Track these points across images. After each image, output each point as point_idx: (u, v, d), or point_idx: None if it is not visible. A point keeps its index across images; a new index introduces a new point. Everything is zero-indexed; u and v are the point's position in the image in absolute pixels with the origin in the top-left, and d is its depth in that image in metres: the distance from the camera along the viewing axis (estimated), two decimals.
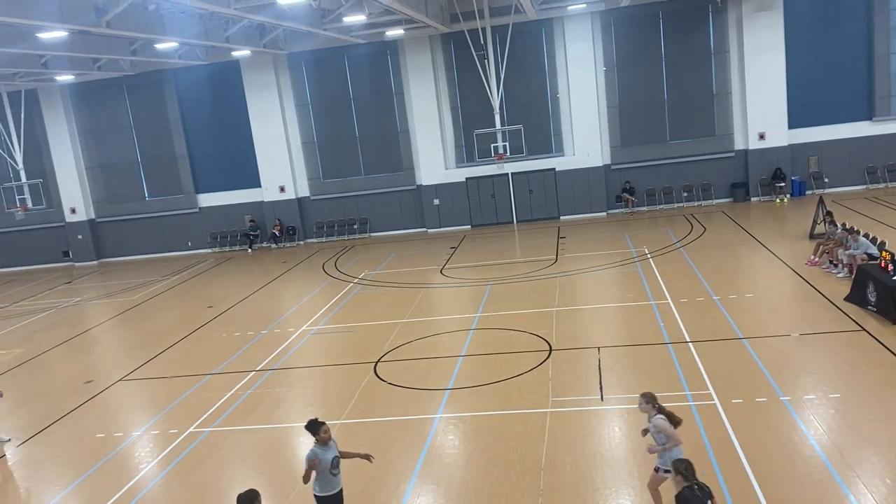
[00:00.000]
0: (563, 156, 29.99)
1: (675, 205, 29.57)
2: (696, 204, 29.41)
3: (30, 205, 30.09)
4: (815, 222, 21.68)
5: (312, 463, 8.21)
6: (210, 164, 32.10)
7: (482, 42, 27.83)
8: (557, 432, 11.17)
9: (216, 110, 31.59)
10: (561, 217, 30.11)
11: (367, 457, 8.94)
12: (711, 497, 6.94)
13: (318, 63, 30.62)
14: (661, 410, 8.41)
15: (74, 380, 16.73)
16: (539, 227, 29.07)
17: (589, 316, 17.17)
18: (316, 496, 8.45)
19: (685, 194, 29.63)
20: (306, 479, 8.31)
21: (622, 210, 29.98)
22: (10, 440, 13.43)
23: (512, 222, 30.46)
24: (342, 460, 8.61)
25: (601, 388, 12.62)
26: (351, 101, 30.89)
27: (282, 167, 31.20)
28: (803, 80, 27.96)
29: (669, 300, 17.23)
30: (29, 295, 27.63)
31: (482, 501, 9.49)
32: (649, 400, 8.51)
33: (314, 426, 8.50)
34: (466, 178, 30.43)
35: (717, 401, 11.58)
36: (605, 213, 29.88)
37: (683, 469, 7.03)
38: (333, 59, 30.35)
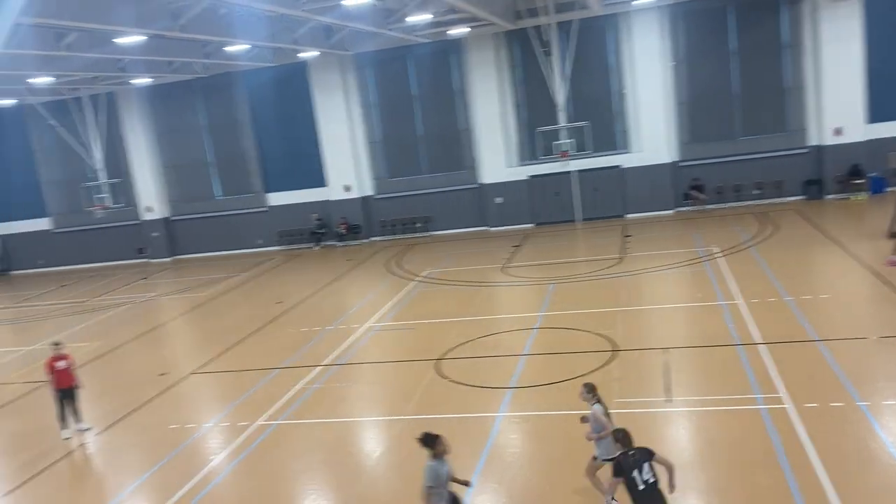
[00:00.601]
0: (629, 153, 29.51)
1: (746, 203, 28.72)
2: (767, 202, 28.50)
3: (109, 203, 31.34)
4: (894, 220, 20.73)
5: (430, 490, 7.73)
6: (278, 163, 32.81)
7: (546, 39, 27.62)
8: None
9: (284, 111, 32.27)
10: (626, 215, 29.63)
11: (465, 483, 8.53)
12: (651, 457, 7.48)
13: (382, 63, 30.94)
14: (599, 401, 8.94)
15: (149, 372, 17.37)
16: (603, 226, 28.69)
17: (655, 316, 16.86)
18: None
19: (756, 192, 28.74)
20: (427, 501, 7.81)
21: (690, 208, 29.29)
22: (90, 429, 14.04)
23: (575, 220, 30.14)
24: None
25: (667, 390, 12.38)
26: (414, 101, 31.10)
27: (347, 166, 31.66)
28: (884, 72, 26.74)
29: (739, 301, 16.76)
30: (107, 290, 28.81)
31: (545, 502, 9.44)
32: (590, 390, 9.05)
33: (431, 440, 7.98)
34: (529, 176, 30.26)
35: (789, 405, 11.22)
36: (672, 212, 29.27)
37: (621, 437, 7.60)
38: (397, 58, 30.61)
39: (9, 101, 31.13)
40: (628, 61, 28.81)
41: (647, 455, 7.46)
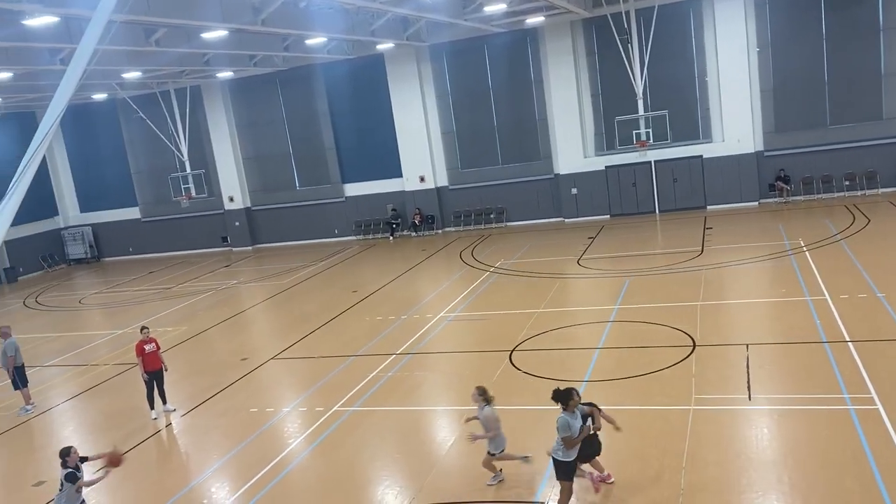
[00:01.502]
0: (711, 142, 28.61)
1: (835, 194, 27.44)
2: (858, 193, 27.14)
3: (193, 193, 32.50)
4: None
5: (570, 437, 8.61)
6: (355, 154, 33.31)
7: (625, 26, 27.02)
8: (700, 430, 10.73)
9: (361, 103, 32.70)
10: (707, 207, 28.77)
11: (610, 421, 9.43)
12: (596, 411, 9.06)
13: (458, 53, 30.93)
14: (489, 402, 9.77)
15: (231, 356, 17.96)
16: (683, 217, 27.94)
17: (737, 311, 16.33)
18: (561, 461, 8.78)
19: (847, 183, 27.41)
20: (571, 445, 8.65)
21: (775, 199, 28.19)
22: (175, 410, 14.64)
23: (654, 212, 29.46)
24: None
25: (749, 387, 11.98)
26: (490, 91, 30.99)
27: (422, 157, 31.86)
28: None
29: (827, 296, 16.05)
30: (192, 277, 29.93)
31: (620, 497, 9.30)
32: (482, 393, 9.88)
33: (564, 394, 8.74)
34: (606, 167, 29.74)
35: (880, 405, 10.68)
36: (756, 203, 28.23)
37: (559, 398, 8.83)
38: (473, 49, 30.54)
39: (101, 96, 32.62)
40: (711, 47, 27.91)
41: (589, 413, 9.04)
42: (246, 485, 11.10)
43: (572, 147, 29.91)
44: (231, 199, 35.09)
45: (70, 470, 9.65)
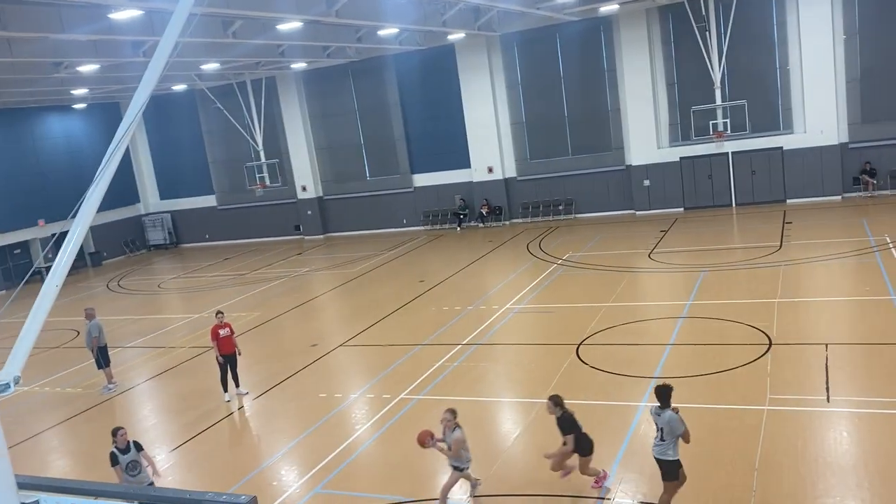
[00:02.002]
0: (791, 133, 27.52)
1: None
2: None
3: (268, 182, 33.30)
4: None
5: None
6: (424, 145, 33.46)
7: (703, 13, 26.23)
8: (775, 432, 10.37)
9: (431, 93, 32.80)
10: (787, 200, 27.70)
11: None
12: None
13: (529, 43, 30.64)
14: (459, 426, 9.51)
15: (301, 342, 18.35)
16: (761, 211, 26.99)
17: (816, 309, 15.69)
18: (671, 461, 8.52)
19: None
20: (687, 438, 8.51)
21: (860, 193, 26.93)
22: (247, 393, 15.06)
23: (730, 205, 28.56)
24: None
25: (828, 389, 11.50)
26: (561, 81, 30.59)
27: (491, 148, 31.75)
28: None
29: None
30: (265, 264, 30.71)
31: (689, 496, 9.07)
32: (454, 415, 9.56)
33: (670, 391, 8.65)
34: (680, 158, 28.98)
35: None
36: (839, 197, 27.04)
37: (557, 401, 9.38)
38: (545, 38, 30.19)
39: (181, 87, 33.73)
40: (793, 35, 26.80)
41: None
42: (314, 468, 11.33)
43: (645, 138, 29.27)
44: (304, 189, 35.78)
45: (112, 451, 9.91)
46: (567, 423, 9.35)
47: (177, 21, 3.13)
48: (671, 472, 8.56)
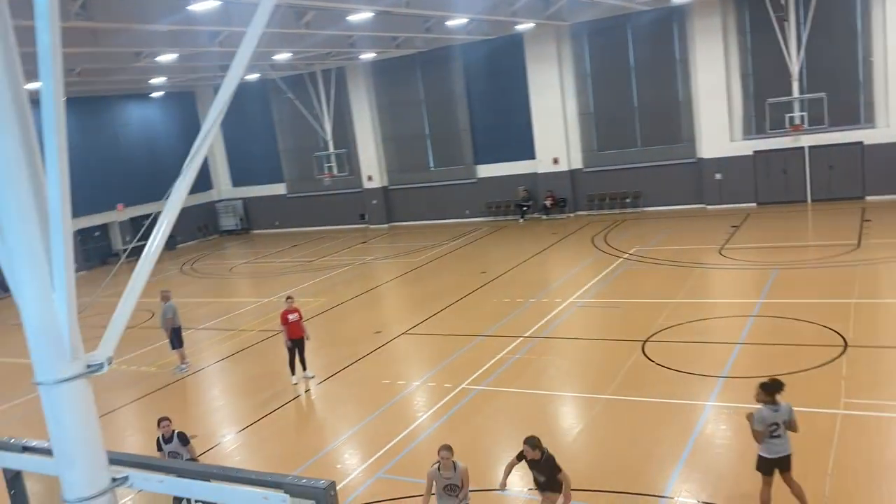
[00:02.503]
0: (873, 128, 26.35)
1: None
2: None
3: (336, 172, 33.83)
4: None
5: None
6: (489, 136, 33.38)
7: (783, 2, 25.32)
8: (849, 437, 10.03)
9: (497, 84, 32.66)
10: (867, 197, 26.57)
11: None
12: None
13: (599, 33, 30.17)
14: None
15: (365, 329, 18.63)
16: (838, 208, 25.98)
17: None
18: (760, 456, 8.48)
19: None
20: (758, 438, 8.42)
21: None
22: (313, 377, 15.40)
23: (805, 201, 27.58)
24: None
25: None
26: (631, 71, 30.04)
27: (557, 139, 31.45)
28: None
29: None
30: (332, 252, 31.23)
31: (758, 499, 8.86)
32: (452, 452, 8.56)
33: (778, 386, 8.46)
34: (754, 152, 28.13)
35: None
36: None
37: (535, 443, 8.37)
38: (615, 27, 29.67)
39: (254, 76, 34.50)
40: (879, 25, 25.60)
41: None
42: (377, 454, 11.52)
43: (718, 130, 28.50)
44: (369, 178, 36.19)
45: (157, 437, 10.13)
46: (553, 463, 8.47)
47: (264, 10, 3.23)
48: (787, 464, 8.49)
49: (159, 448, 10.14)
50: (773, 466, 8.44)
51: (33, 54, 2.88)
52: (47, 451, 3.51)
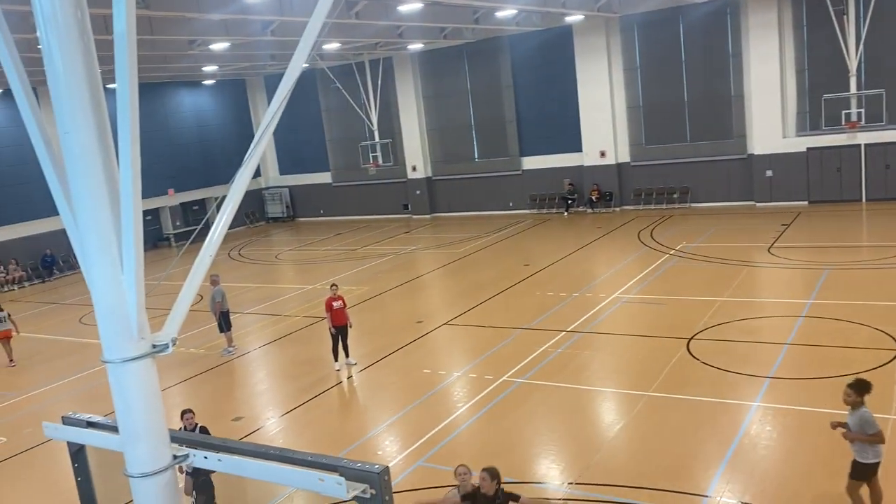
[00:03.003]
0: None
1: None
2: None
3: (381, 162, 34.03)
4: None
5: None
6: (535, 127, 33.20)
7: None
8: None
9: (545, 76, 32.44)
10: None
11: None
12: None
13: (650, 25, 29.72)
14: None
15: (407, 319, 18.77)
16: (894, 208, 25.22)
17: None
18: (867, 464, 8.14)
19: None
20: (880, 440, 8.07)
21: None
22: (356, 364, 15.59)
23: (860, 200, 26.83)
24: None
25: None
26: (682, 65, 29.54)
27: (604, 132, 31.13)
28: None
29: None
30: (375, 241, 31.48)
31: (803, 503, 8.74)
32: (468, 469, 8.02)
33: (866, 386, 8.16)
34: (807, 149, 27.45)
35: None
36: None
37: (495, 474, 7.62)
38: (667, 20, 29.19)
39: (303, 66, 34.84)
40: None
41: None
42: (417, 442, 11.63)
43: (770, 126, 27.88)
44: (414, 169, 36.32)
45: (180, 428, 9.83)
46: (508, 496, 7.76)
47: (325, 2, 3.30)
48: (859, 472, 8.15)
49: None
50: (869, 471, 8.14)
51: (101, 43, 2.99)
52: (111, 427, 3.65)
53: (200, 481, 9.22)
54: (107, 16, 15.28)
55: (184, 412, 10.24)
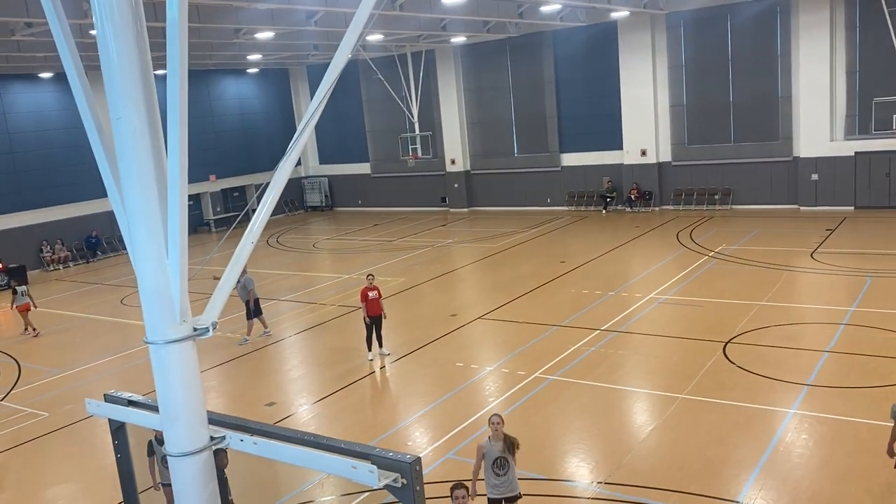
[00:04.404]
0: None
1: None
2: None
3: (420, 154, 34.08)
4: None
5: None
6: (576, 124, 32.93)
7: None
8: None
9: (588, 72, 32.14)
10: None
11: None
12: None
13: (697, 23, 29.23)
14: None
15: (442, 311, 18.82)
16: None
17: None
18: None
19: None
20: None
21: None
22: (389, 354, 15.70)
23: None
24: None
25: None
26: (729, 64, 29.01)
27: (646, 130, 30.75)
28: None
29: None
30: (412, 233, 31.59)
31: None
32: (502, 420, 8.30)
33: None
34: (855, 153, 26.78)
35: None
36: None
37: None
38: (715, 18, 28.69)
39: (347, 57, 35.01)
40: None
41: None
42: (448, 434, 11.68)
43: (818, 129, 27.25)
44: (453, 162, 36.33)
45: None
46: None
47: None
48: None
49: (150, 452, 8.71)
50: None
51: (150, 30, 3.05)
52: (151, 407, 3.74)
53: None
54: (157, 3, 15.58)
55: None
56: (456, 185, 36.53)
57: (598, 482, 9.91)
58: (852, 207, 27.04)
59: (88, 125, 3.45)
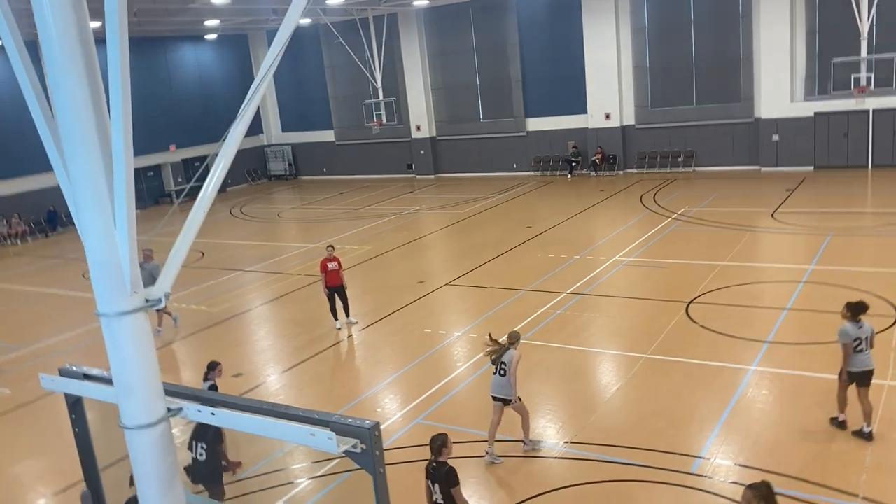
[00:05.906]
0: None
1: None
2: None
3: (384, 120, 33.75)
4: None
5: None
6: (540, 88, 32.83)
7: None
8: (894, 408, 9.86)
9: (552, 36, 31.97)
10: None
11: None
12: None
13: None
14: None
15: (409, 279, 18.82)
16: None
17: None
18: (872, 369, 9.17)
19: None
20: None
21: None
22: (356, 322, 15.69)
23: (866, 166, 26.64)
24: None
25: None
26: (691, 26, 29.07)
27: (610, 94, 30.79)
28: None
29: None
30: (378, 200, 31.41)
31: (794, 465, 8.85)
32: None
33: (862, 307, 9.28)
34: (815, 113, 27.16)
35: None
36: None
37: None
38: None
39: (305, 21, 34.36)
40: None
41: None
42: (416, 400, 11.76)
43: (778, 90, 27.54)
44: (418, 128, 36.06)
45: (211, 383, 9.99)
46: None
47: None
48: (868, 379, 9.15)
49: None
50: (853, 379, 9.19)
51: None
52: (106, 380, 3.68)
53: (200, 475, 8.41)
54: None
55: (215, 364, 10.13)
56: (422, 152, 36.32)
57: (565, 442, 10.08)
58: (812, 167, 27.50)
59: (28, 94, 3.32)
